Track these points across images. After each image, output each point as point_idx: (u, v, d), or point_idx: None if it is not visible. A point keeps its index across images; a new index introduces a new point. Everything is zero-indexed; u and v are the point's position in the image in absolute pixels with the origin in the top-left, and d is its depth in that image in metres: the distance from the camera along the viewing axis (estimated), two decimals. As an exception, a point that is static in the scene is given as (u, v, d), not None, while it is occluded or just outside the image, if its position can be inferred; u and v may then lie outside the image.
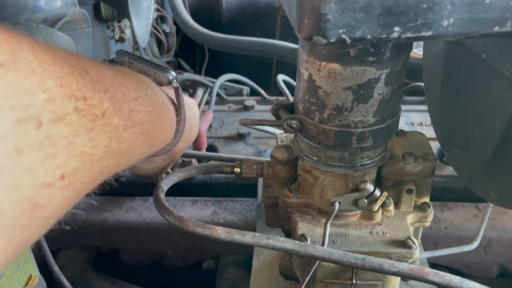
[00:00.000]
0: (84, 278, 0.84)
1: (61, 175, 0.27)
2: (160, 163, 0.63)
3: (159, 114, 0.46)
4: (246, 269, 0.81)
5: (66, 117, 0.27)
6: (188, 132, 0.59)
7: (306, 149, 0.50)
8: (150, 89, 0.45)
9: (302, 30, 0.33)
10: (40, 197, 0.26)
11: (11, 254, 0.26)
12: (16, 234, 0.25)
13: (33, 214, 0.25)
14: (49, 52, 0.27)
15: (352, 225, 0.51)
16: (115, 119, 0.34)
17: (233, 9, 1.75)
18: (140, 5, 1.09)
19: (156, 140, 0.47)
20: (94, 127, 0.30)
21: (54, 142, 0.26)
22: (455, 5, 0.31)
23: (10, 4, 0.75)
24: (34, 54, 0.26)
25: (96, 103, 0.31)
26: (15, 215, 0.24)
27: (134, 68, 0.54)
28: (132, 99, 0.38)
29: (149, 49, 1.57)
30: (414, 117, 1.15)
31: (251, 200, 0.88)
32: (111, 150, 0.33)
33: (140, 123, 0.39)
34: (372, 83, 0.41)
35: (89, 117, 0.30)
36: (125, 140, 0.36)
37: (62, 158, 0.27)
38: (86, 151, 0.29)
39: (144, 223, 0.84)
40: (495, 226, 0.79)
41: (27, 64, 0.25)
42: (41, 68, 0.26)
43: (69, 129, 0.27)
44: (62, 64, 0.28)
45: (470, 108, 0.56)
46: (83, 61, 0.32)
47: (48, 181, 0.26)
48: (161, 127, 0.47)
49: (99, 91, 0.32)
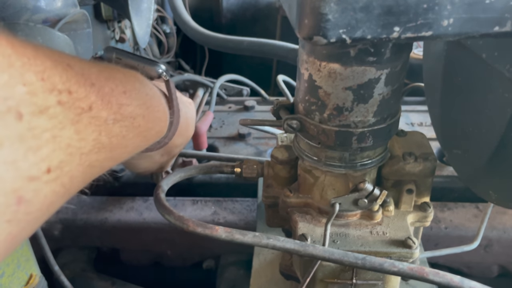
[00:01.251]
0: (84, 277, 0.84)
1: (47, 168, 0.27)
2: (157, 158, 0.63)
3: (149, 107, 0.45)
4: (246, 269, 0.81)
5: (48, 109, 0.27)
6: (184, 127, 0.59)
7: (306, 149, 0.50)
8: (139, 82, 0.45)
9: (302, 30, 0.33)
10: (26, 190, 0.26)
11: (1, 249, 0.26)
12: (3, 228, 0.25)
13: (19, 208, 0.25)
14: (30, 47, 0.27)
15: (352, 225, 0.51)
16: (104, 113, 0.34)
17: (234, 9, 1.75)
18: (141, 5, 1.10)
19: (149, 134, 0.46)
20: (80, 120, 0.30)
21: (37, 134, 0.26)
22: (455, 5, 0.31)
23: (10, 5, 0.75)
24: (13, 48, 0.26)
25: (81, 97, 0.31)
26: (0, 208, 0.24)
27: (123, 64, 0.53)
28: (120, 92, 0.38)
29: (150, 49, 1.57)
30: (414, 117, 1.15)
31: (252, 200, 0.88)
32: (101, 143, 0.33)
33: (130, 116, 0.39)
34: (372, 83, 0.41)
35: (75, 110, 0.30)
36: (116, 134, 0.36)
37: (47, 151, 0.27)
38: (73, 144, 0.29)
39: (145, 223, 0.84)
40: (495, 226, 0.79)
41: (5, 58, 0.25)
42: (20, 61, 0.26)
43: (52, 121, 0.27)
44: (43, 59, 0.28)
45: (470, 109, 0.56)
46: (67, 57, 0.32)
47: (33, 174, 0.26)
48: (153, 120, 0.47)
49: (85, 85, 0.32)
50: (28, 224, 0.27)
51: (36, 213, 0.27)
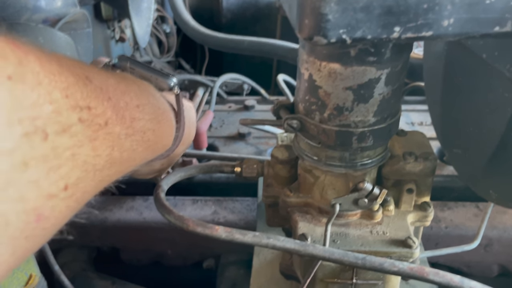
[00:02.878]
0: (84, 277, 0.84)
1: (65, 186, 0.27)
2: (158, 166, 0.63)
3: (160, 121, 0.45)
4: (247, 269, 0.81)
5: (71, 128, 0.27)
6: (186, 136, 0.59)
7: (306, 149, 0.50)
8: (152, 96, 0.45)
9: (303, 30, 0.33)
10: (45, 208, 0.26)
11: (15, 264, 0.26)
12: (20, 245, 0.25)
13: (38, 225, 0.25)
14: (55, 62, 0.27)
15: (353, 225, 0.51)
16: (117, 128, 0.34)
17: (234, 9, 1.75)
18: (141, 5, 1.10)
19: (156, 147, 0.46)
20: (97, 137, 0.30)
21: (59, 153, 0.26)
22: (456, 5, 0.31)
23: (10, 4, 0.75)
24: (41, 65, 0.25)
25: (99, 113, 0.31)
26: (21, 226, 0.24)
27: (136, 74, 0.54)
28: (134, 106, 0.38)
29: (150, 49, 1.57)
30: (415, 117, 1.15)
31: (252, 199, 0.88)
32: (113, 159, 0.33)
33: (141, 130, 0.39)
34: (373, 83, 0.41)
35: (93, 127, 0.30)
36: (127, 148, 0.36)
37: (66, 169, 0.27)
38: (89, 161, 0.29)
39: (145, 222, 0.84)
40: (496, 226, 0.79)
41: (34, 75, 0.24)
42: (48, 79, 0.25)
43: (73, 140, 0.27)
44: (67, 74, 0.28)
45: (470, 108, 0.56)
46: (87, 69, 0.32)
47: (52, 192, 0.26)
48: (161, 134, 0.47)
49: (103, 100, 0.32)
50: (41, 239, 0.28)
51: (50, 228, 0.28)
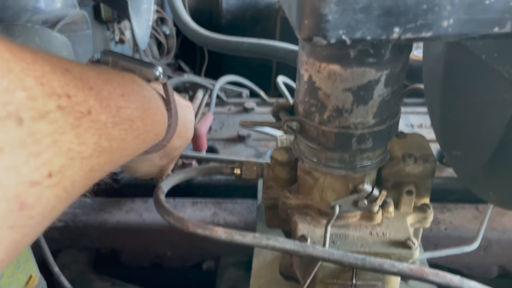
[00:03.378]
0: (84, 278, 0.84)
1: (48, 173, 0.27)
2: (157, 161, 0.63)
3: (147, 109, 0.45)
4: (246, 270, 0.81)
5: (48, 114, 0.27)
6: (183, 130, 0.59)
7: (306, 151, 0.50)
8: (136, 85, 0.45)
9: (302, 31, 0.33)
10: (27, 195, 0.26)
11: (6, 255, 0.26)
12: (5, 234, 0.25)
13: (22, 213, 0.25)
14: (28, 52, 0.28)
15: (352, 226, 0.51)
16: (103, 116, 0.34)
17: (233, 10, 1.75)
18: (140, 6, 1.10)
19: (147, 136, 0.47)
20: (80, 124, 0.30)
21: (37, 139, 0.26)
22: (455, 6, 0.31)
23: (10, 6, 0.75)
24: (11, 53, 0.26)
25: (80, 101, 0.31)
26: (2, 214, 0.24)
27: (120, 67, 0.54)
28: (118, 95, 0.38)
29: (149, 50, 1.57)
30: (414, 119, 1.16)
31: (251, 201, 0.88)
32: (102, 147, 0.33)
33: (129, 119, 0.39)
34: (372, 85, 0.41)
35: (74, 114, 0.30)
36: (115, 137, 0.36)
37: (48, 156, 0.27)
38: (73, 148, 0.29)
39: (144, 224, 0.84)
40: (495, 227, 0.79)
41: (4, 62, 0.25)
42: (19, 66, 0.26)
43: (53, 126, 0.27)
44: (42, 63, 0.28)
45: (470, 110, 0.56)
46: (65, 61, 0.32)
47: (34, 179, 0.26)
48: (151, 122, 0.47)
49: (83, 88, 0.32)
50: (30, 230, 0.27)
51: (38, 217, 0.27)
